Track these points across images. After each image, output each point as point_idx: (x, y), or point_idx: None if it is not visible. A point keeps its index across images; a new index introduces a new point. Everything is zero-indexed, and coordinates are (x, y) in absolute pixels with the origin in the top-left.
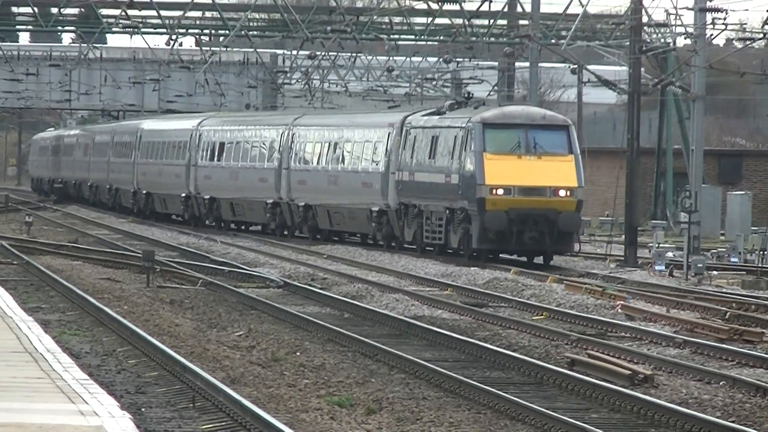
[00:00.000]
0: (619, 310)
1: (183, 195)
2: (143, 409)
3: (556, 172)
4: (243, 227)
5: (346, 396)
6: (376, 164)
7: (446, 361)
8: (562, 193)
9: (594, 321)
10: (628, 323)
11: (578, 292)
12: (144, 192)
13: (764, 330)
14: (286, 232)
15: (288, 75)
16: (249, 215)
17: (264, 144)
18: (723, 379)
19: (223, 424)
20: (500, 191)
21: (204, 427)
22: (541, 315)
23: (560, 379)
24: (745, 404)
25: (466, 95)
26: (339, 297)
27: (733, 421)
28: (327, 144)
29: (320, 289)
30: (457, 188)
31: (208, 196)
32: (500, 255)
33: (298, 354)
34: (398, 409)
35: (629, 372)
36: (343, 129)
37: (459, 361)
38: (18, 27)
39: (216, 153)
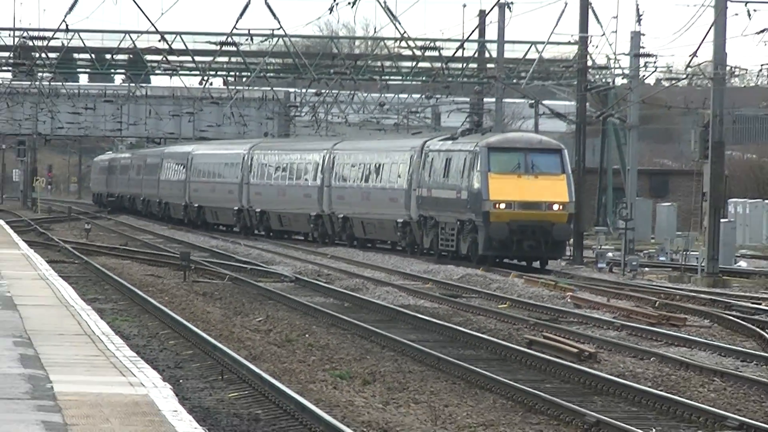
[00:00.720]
0: (569, 300)
1: (236, 208)
2: (181, 381)
3: (551, 189)
4: (287, 236)
5: (346, 370)
6: (401, 182)
7: (428, 341)
8: (555, 207)
9: (548, 309)
10: (576, 310)
11: (535, 285)
12: (196, 205)
13: (687, 316)
14: (326, 240)
15: (298, 109)
16: (295, 225)
17: (308, 165)
18: (653, 356)
19: (246, 392)
20: (502, 205)
21: (231, 395)
22: (505, 304)
23: (520, 356)
24: (671, 376)
25: (477, 123)
26: (340, 290)
27: (662, 390)
28: (361, 165)
29: (325, 283)
30: (466, 203)
31: (259, 209)
32: (504, 260)
33: (307, 336)
34: (389, 380)
35: (577, 350)
36: (374, 153)
37: (438, 341)
38: (78, 70)
39: (266, 173)
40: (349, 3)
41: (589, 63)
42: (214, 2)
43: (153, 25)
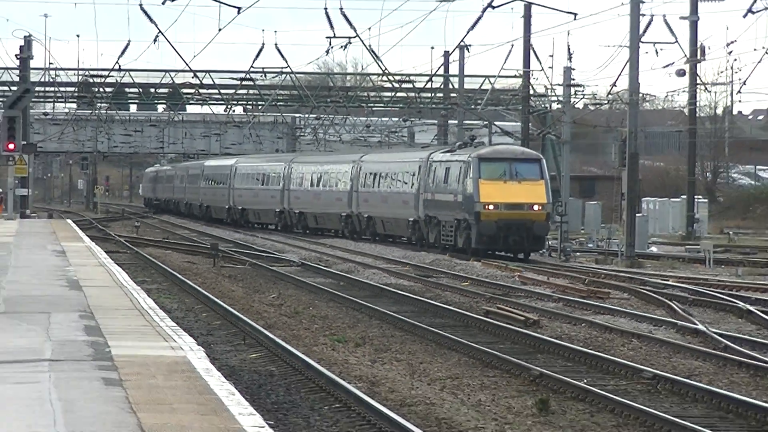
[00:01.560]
0: (517, 278)
1: (278, 210)
2: (212, 345)
3: (531, 193)
4: (320, 232)
5: (342, 335)
6: (411, 187)
7: (406, 312)
8: (535, 207)
9: (501, 285)
10: (522, 287)
11: (490, 267)
12: (240, 208)
13: (610, 290)
14: (355, 236)
15: (302, 130)
16: (328, 224)
17: (340, 174)
18: (584, 322)
19: (264, 354)
20: (491, 207)
21: (251, 356)
22: (467, 282)
23: (479, 323)
24: (598, 338)
25: (471, 138)
26: (337, 272)
27: (591, 349)
28: (381, 174)
29: (325, 267)
30: (462, 204)
31: (298, 211)
32: (495, 252)
33: (311, 309)
34: (376, 343)
35: (524, 318)
36: (391, 163)
37: (414, 312)
38: (129, 101)
39: (304, 181)
40: (341, 47)
41: (531, 92)
42: (236, 47)
43: (187, 65)
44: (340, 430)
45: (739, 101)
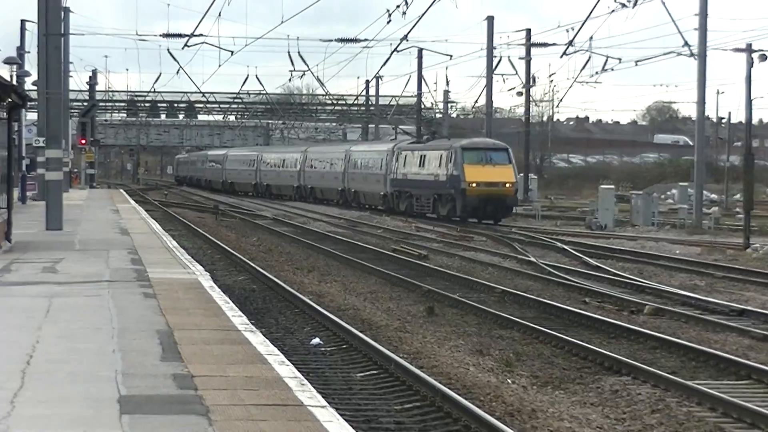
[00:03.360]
0: (414, 228)
1: (295, 185)
2: (214, 271)
3: (503, 174)
4: (323, 202)
5: (299, 265)
6: (381, 170)
7: (341, 249)
8: (507, 185)
9: (403, 233)
10: (417, 233)
11: (397, 220)
12: (265, 184)
13: (474, 236)
14: (348, 205)
15: (273, 131)
16: (329, 196)
17: (337, 160)
18: (457, 256)
19: (248, 277)
20: (474, 184)
21: (240, 278)
22: (381, 230)
23: (389, 257)
24: (466, 266)
25: (432, 133)
26: (296, 224)
27: (461, 274)
28: (362, 159)
29: (289, 220)
30: (445, 183)
31: (309, 186)
32: (472, 219)
33: (279, 248)
34: (321, 270)
35: (417, 253)
36: (368, 152)
37: (346, 249)
38: (160, 112)
39: (314, 164)
40: (299, 76)
41: (422, 106)
42: (230, 76)
43: (198, 88)
44: (299, 326)
45: (558, 112)
